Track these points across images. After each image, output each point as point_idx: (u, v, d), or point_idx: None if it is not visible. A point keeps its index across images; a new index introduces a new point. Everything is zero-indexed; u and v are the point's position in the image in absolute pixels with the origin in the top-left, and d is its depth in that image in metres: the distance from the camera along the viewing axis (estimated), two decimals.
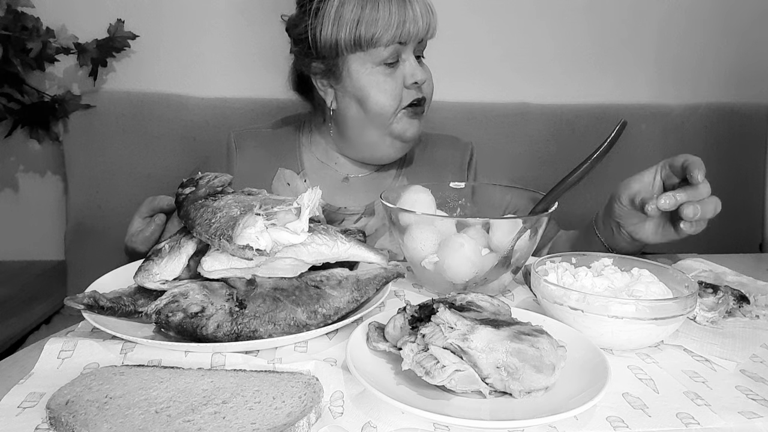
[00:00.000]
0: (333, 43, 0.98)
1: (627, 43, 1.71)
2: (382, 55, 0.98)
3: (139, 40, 1.53)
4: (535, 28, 1.68)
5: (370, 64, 0.99)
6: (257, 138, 1.16)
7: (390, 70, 1.00)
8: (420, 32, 0.98)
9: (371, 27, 0.95)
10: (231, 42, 1.59)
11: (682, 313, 0.60)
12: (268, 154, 1.14)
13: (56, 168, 1.63)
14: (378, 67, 0.99)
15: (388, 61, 0.99)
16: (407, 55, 1.00)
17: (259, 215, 0.60)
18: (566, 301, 0.61)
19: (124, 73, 1.57)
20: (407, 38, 0.98)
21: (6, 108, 1.48)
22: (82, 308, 0.61)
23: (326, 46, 0.99)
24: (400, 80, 1.01)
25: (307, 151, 1.15)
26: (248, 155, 1.14)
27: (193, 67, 1.59)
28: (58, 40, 1.45)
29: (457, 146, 1.21)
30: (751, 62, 1.74)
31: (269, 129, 1.18)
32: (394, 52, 0.98)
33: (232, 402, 0.49)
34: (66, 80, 1.56)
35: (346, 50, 0.98)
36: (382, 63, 0.99)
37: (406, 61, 1.01)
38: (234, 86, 1.59)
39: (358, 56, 0.99)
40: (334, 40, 0.97)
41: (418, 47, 1.03)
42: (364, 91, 1.00)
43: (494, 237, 0.74)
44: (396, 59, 1.00)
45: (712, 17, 1.72)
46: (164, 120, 1.53)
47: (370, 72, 0.99)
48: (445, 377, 0.48)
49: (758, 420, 0.50)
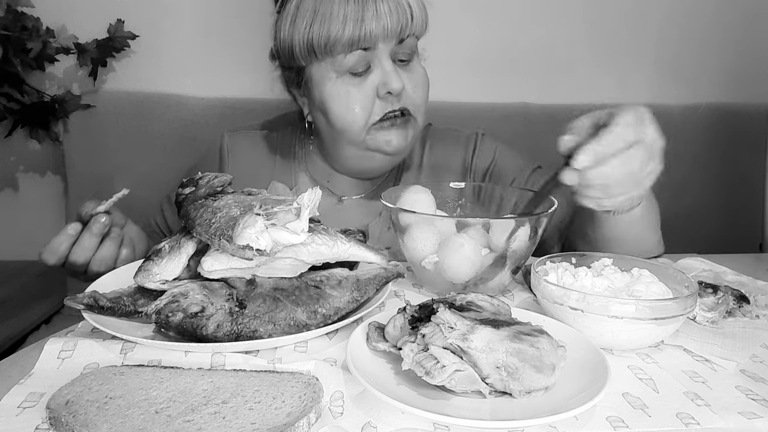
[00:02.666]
0: (289, 51, 0.89)
1: (627, 43, 1.71)
2: (345, 64, 0.86)
3: (139, 40, 1.53)
4: (535, 28, 1.68)
5: (333, 74, 0.88)
6: (251, 141, 1.09)
7: (357, 80, 0.87)
8: (389, 32, 0.84)
9: (323, 31, 0.84)
10: (231, 42, 1.59)
11: (682, 313, 0.60)
12: (261, 160, 1.07)
13: (56, 168, 1.63)
14: (343, 77, 0.87)
15: (354, 70, 0.87)
16: (380, 60, 0.87)
17: (259, 215, 0.60)
18: (566, 301, 0.61)
19: (124, 73, 1.57)
20: (370, 42, 0.85)
21: (6, 108, 1.48)
22: (82, 308, 0.61)
23: (285, 54, 0.91)
24: (369, 91, 0.88)
25: (300, 165, 1.06)
26: (241, 160, 1.07)
27: (193, 67, 1.59)
28: (58, 40, 1.45)
29: (459, 141, 1.09)
30: (751, 62, 1.74)
31: (265, 131, 1.10)
32: (360, 60, 0.86)
33: (232, 402, 0.49)
34: (66, 80, 1.56)
35: (302, 59, 0.89)
36: (347, 72, 0.87)
37: (378, 67, 0.87)
38: (234, 86, 1.59)
39: (318, 66, 0.89)
40: (290, 47, 0.88)
41: (401, 49, 0.89)
42: (326, 104, 0.90)
43: (494, 237, 0.74)
44: (366, 66, 0.87)
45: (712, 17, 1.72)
46: (164, 120, 1.53)
47: (334, 82, 0.88)
48: (445, 377, 0.48)
49: (758, 420, 0.50)
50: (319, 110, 0.93)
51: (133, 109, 1.52)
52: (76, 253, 0.78)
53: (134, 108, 1.52)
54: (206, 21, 1.58)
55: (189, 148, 1.52)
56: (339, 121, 0.90)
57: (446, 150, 1.08)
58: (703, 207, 1.66)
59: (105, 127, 1.51)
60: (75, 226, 0.78)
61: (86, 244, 0.78)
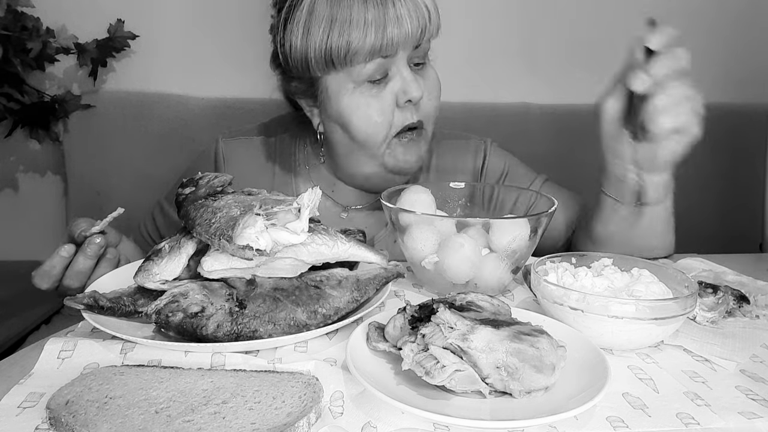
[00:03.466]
0: (304, 63, 0.83)
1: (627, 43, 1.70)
2: (363, 73, 0.82)
3: (139, 40, 1.53)
4: (535, 28, 1.68)
5: (351, 84, 0.83)
6: (248, 149, 1.03)
7: (376, 90, 0.84)
8: (408, 38, 0.81)
9: (343, 40, 0.79)
10: (231, 42, 1.59)
11: (682, 313, 0.60)
12: (260, 170, 1.02)
13: (56, 168, 1.63)
14: (361, 87, 0.83)
15: (373, 78, 0.83)
16: (398, 68, 0.84)
17: (259, 215, 0.60)
18: (566, 301, 0.61)
19: (124, 73, 1.57)
20: (391, 50, 0.81)
21: (6, 108, 1.48)
22: (82, 308, 0.61)
23: (298, 65, 0.85)
24: (389, 99, 0.84)
25: (302, 174, 1.02)
26: (237, 170, 0.99)
27: (193, 67, 1.59)
28: (58, 40, 1.45)
29: (468, 149, 1.06)
30: (751, 62, 1.74)
31: (262, 137, 1.05)
32: (379, 68, 0.82)
33: (232, 402, 0.49)
34: (66, 80, 1.56)
35: (317, 70, 0.83)
36: (366, 81, 0.83)
37: (397, 74, 0.84)
38: (234, 86, 1.59)
39: (335, 76, 0.84)
40: (304, 57, 0.83)
41: (415, 53, 0.86)
42: (345, 117, 0.85)
43: (494, 237, 0.74)
44: (384, 74, 0.83)
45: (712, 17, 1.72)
46: (164, 120, 1.53)
47: (352, 93, 0.84)
48: (445, 377, 0.48)
49: (758, 420, 0.50)
50: (337, 123, 0.88)
51: (133, 109, 1.52)
52: (70, 278, 0.74)
53: (134, 108, 1.52)
54: (206, 21, 1.58)
55: (189, 148, 1.51)
56: (360, 134, 0.86)
57: (455, 159, 1.06)
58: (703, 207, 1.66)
59: (105, 127, 1.51)
60: (68, 248, 0.74)
61: (81, 267, 0.74)
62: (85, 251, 0.74)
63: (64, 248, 0.73)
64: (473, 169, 1.06)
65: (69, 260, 0.74)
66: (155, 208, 1.08)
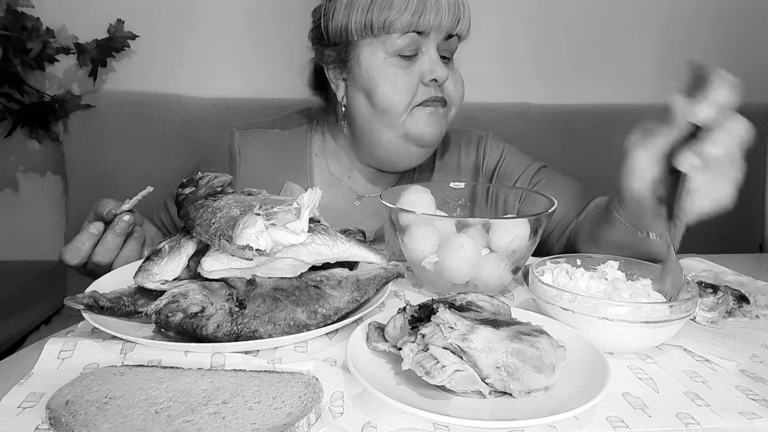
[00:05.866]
0: (344, 27, 0.91)
1: (627, 43, 1.71)
2: (396, 45, 0.89)
3: (139, 40, 1.53)
4: (535, 29, 1.68)
5: (383, 54, 0.90)
6: (264, 140, 1.07)
7: (405, 63, 0.90)
8: (443, 23, 0.89)
9: (385, 9, 0.87)
10: (231, 42, 1.59)
11: (678, 317, 0.58)
12: (275, 161, 1.05)
13: (56, 168, 1.63)
14: (392, 58, 0.90)
15: (404, 53, 0.90)
16: (428, 49, 0.91)
17: (259, 215, 0.60)
18: (558, 301, 0.61)
19: (124, 73, 1.58)
20: (426, 27, 0.88)
21: (6, 108, 1.48)
22: (82, 308, 0.61)
23: (337, 30, 0.92)
24: (416, 75, 0.91)
25: (318, 163, 1.06)
26: (253, 161, 1.05)
27: (193, 67, 1.60)
28: (58, 40, 1.45)
29: (471, 142, 1.11)
30: (751, 62, 1.74)
31: (277, 130, 1.09)
32: (411, 43, 0.89)
33: (232, 402, 0.49)
34: (66, 80, 1.56)
35: (356, 34, 0.90)
36: (397, 54, 0.90)
37: (426, 55, 0.91)
38: (234, 86, 1.59)
39: (369, 43, 0.91)
40: (345, 24, 0.90)
41: (445, 46, 0.93)
42: (373, 83, 0.91)
43: (494, 237, 0.74)
44: (414, 52, 0.90)
45: (713, 17, 1.72)
46: (164, 120, 1.53)
47: (382, 62, 0.91)
48: (445, 377, 0.48)
49: (758, 420, 0.50)
50: (362, 90, 0.93)
51: (133, 109, 1.52)
52: (100, 254, 0.77)
53: (134, 108, 1.52)
54: (206, 21, 1.58)
55: (189, 148, 1.52)
56: (384, 101, 0.91)
57: (459, 151, 1.11)
58: None
59: (105, 127, 1.51)
60: (98, 225, 0.76)
61: (110, 245, 0.77)
62: (115, 228, 0.76)
63: (93, 225, 0.76)
64: (476, 161, 1.10)
65: (98, 237, 0.76)
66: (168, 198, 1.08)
